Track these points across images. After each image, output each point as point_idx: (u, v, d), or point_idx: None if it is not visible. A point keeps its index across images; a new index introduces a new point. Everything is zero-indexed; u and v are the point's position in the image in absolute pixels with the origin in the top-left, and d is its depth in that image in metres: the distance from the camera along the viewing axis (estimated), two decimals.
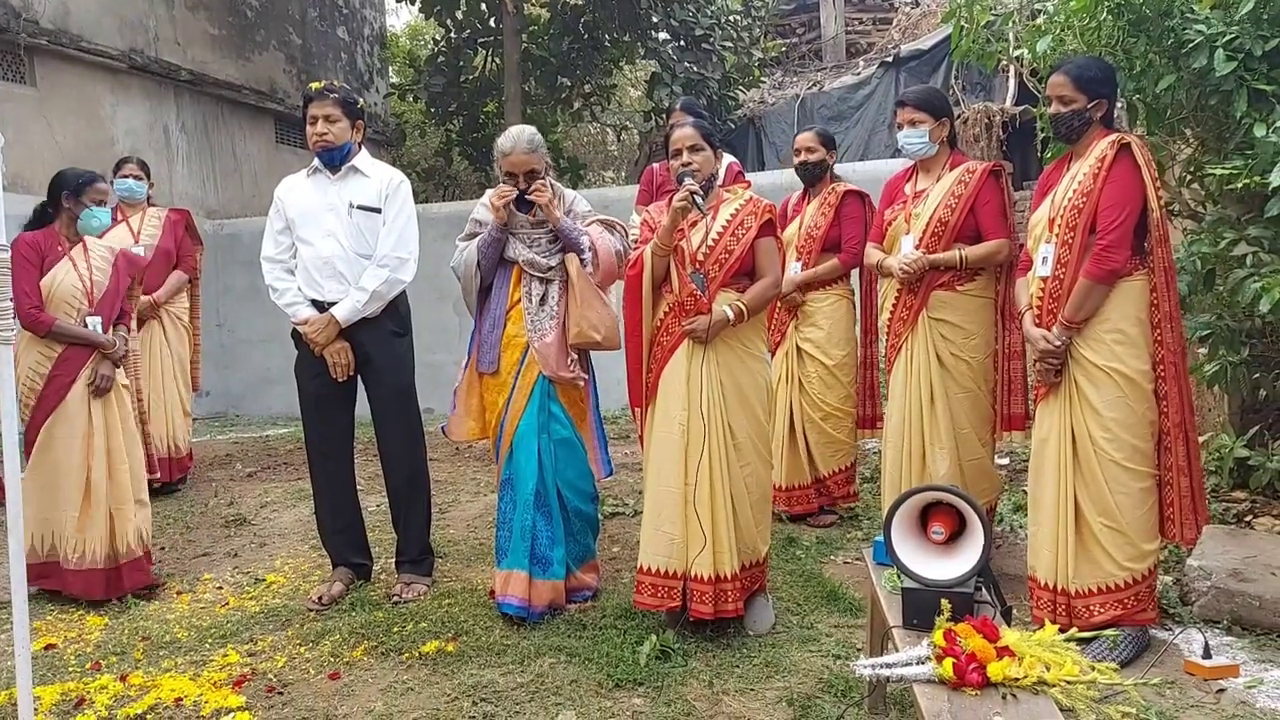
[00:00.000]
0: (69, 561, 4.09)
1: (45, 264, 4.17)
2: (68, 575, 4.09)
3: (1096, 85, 3.28)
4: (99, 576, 4.08)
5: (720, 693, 3.10)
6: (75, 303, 4.15)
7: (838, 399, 4.64)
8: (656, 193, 5.16)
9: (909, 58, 11.52)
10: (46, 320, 4.08)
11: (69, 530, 4.09)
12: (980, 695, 2.17)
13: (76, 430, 4.09)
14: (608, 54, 12.53)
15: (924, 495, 2.59)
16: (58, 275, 4.15)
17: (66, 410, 4.09)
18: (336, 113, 3.83)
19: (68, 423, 4.09)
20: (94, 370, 4.11)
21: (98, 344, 4.14)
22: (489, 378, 3.81)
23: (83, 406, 4.10)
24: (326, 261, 3.84)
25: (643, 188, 5.26)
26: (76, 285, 4.16)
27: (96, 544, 4.08)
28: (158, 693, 3.23)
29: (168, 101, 11.06)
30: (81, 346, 4.12)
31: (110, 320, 4.25)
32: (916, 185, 4.01)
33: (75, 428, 4.09)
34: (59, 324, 4.09)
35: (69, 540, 4.09)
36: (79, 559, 4.07)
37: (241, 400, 10.48)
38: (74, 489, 4.08)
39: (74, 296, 4.15)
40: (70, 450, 4.09)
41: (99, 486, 4.10)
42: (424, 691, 3.18)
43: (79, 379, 4.10)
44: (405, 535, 4.07)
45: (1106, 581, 3.24)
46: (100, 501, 4.10)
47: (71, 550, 4.08)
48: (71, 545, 4.08)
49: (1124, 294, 3.22)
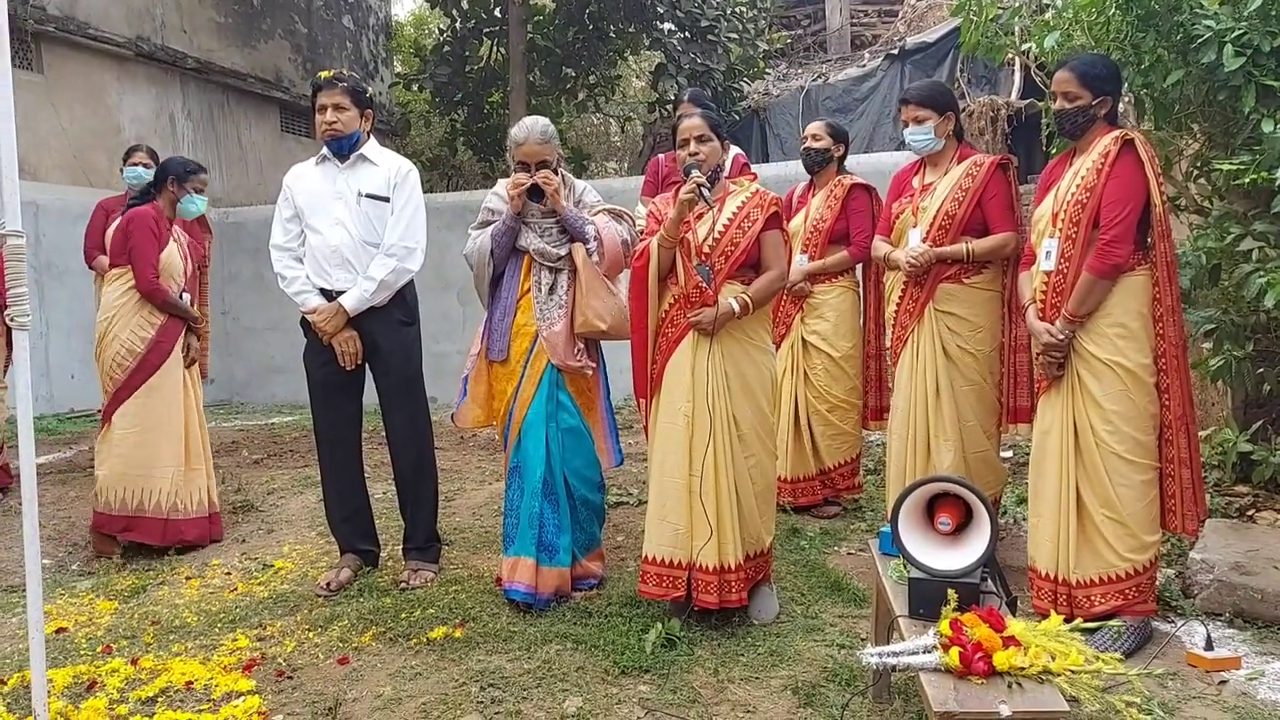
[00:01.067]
0: (178, 512, 4.56)
1: (161, 241, 4.62)
2: (182, 525, 4.57)
3: (1101, 82, 3.30)
4: (204, 524, 4.66)
5: (725, 681, 3.13)
6: (179, 278, 4.68)
7: (843, 391, 4.66)
8: (662, 183, 5.18)
9: (914, 50, 11.53)
10: (164, 291, 4.58)
11: (173, 484, 4.56)
12: (986, 684, 2.20)
13: (177, 394, 4.60)
14: (612, 45, 12.54)
15: (931, 486, 2.61)
16: (171, 252, 4.63)
17: (166, 375, 4.57)
18: (345, 101, 3.84)
19: (171, 385, 4.59)
20: (186, 343, 4.68)
21: (192, 318, 4.74)
22: (498, 365, 3.83)
23: (180, 373, 4.63)
24: (334, 250, 3.86)
25: (648, 178, 5.28)
26: (178, 264, 4.67)
27: (203, 494, 4.67)
28: (168, 676, 3.27)
29: (174, 89, 11.09)
30: (179, 318, 4.67)
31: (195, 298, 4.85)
32: (924, 178, 4.02)
33: (175, 391, 4.60)
34: (170, 296, 4.61)
35: (177, 493, 4.56)
36: (186, 508, 4.58)
37: (246, 388, 10.53)
38: (179, 445, 4.58)
39: (179, 272, 4.67)
40: (172, 411, 4.59)
41: (197, 443, 4.68)
42: (432, 677, 3.21)
43: (176, 347, 4.63)
44: (412, 522, 4.10)
45: (1107, 572, 3.27)
46: (198, 455, 4.68)
47: (180, 501, 4.57)
48: (183, 497, 4.58)
49: (1126, 288, 3.24)
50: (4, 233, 2.87)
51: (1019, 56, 4.64)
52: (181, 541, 4.58)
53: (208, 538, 4.67)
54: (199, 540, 4.63)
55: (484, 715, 2.95)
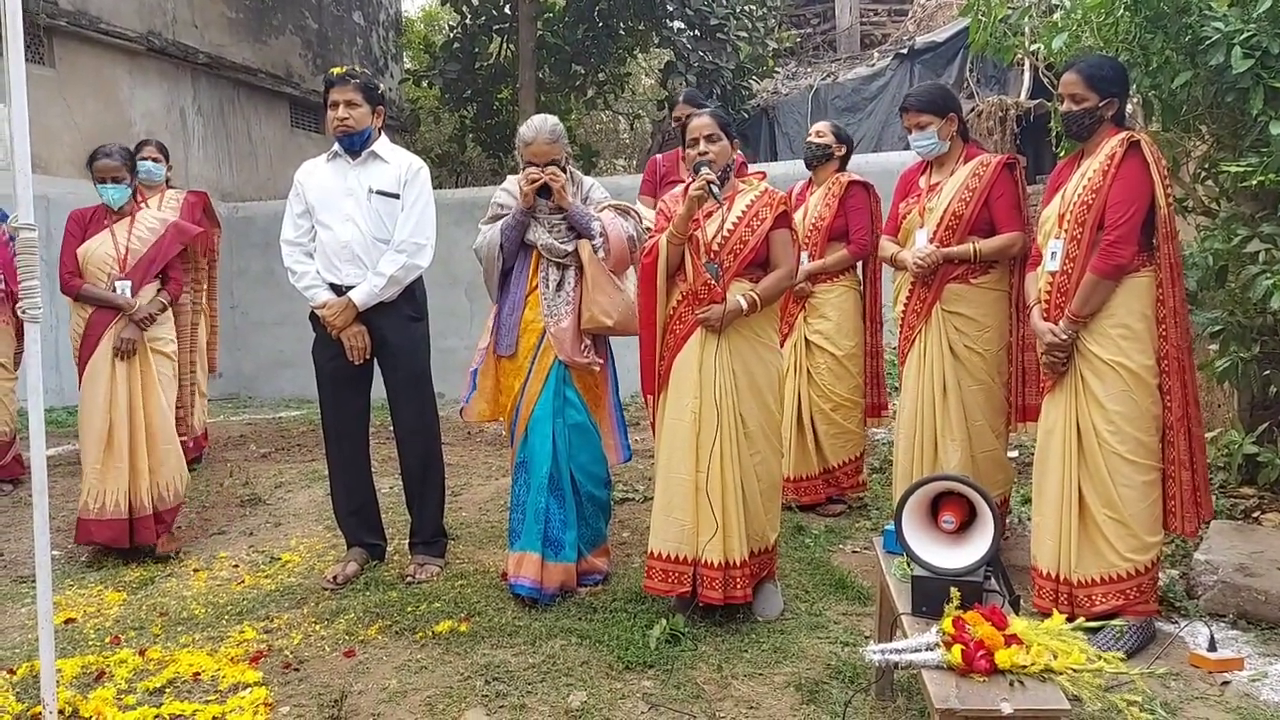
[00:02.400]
0: (89, 511, 4.33)
1: (86, 235, 4.52)
2: (91, 525, 4.32)
3: (1108, 84, 3.30)
4: (123, 526, 4.33)
5: (729, 677, 3.15)
6: (106, 268, 4.44)
7: (847, 389, 4.67)
8: (660, 183, 5.18)
9: (924, 50, 11.52)
10: (75, 285, 4.46)
11: (88, 483, 4.35)
12: (988, 681, 2.21)
13: (99, 388, 4.35)
14: (621, 42, 12.54)
15: (935, 485, 2.62)
16: (92, 244, 4.48)
17: (92, 368, 4.39)
18: (357, 98, 3.86)
19: (92, 380, 4.38)
20: (117, 333, 4.37)
21: (117, 305, 4.40)
22: (506, 361, 3.85)
23: (106, 365, 4.36)
24: (345, 245, 3.88)
25: (646, 178, 5.29)
26: (110, 253, 4.46)
27: (119, 495, 4.33)
28: (176, 667, 3.29)
29: (184, 84, 11.12)
30: (107, 309, 4.41)
31: (140, 284, 4.49)
32: (930, 178, 4.03)
33: (98, 385, 4.36)
34: (85, 288, 4.44)
35: (89, 491, 4.33)
36: (99, 509, 4.31)
37: (254, 382, 10.56)
38: (94, 443, 4.34)
39: (105, 263, 4.45)
40: (94, 405, 4.37)
41: (120, 442, 4.34)
42: (437, 670, 3.23)
43: (104, 339, 4.37)
44: (419, 517, 4.13)
45: (1109, 572, 3.28)
46: (120, 453, 4.35)
47: (93, 500, 4.32)
48: (94, 495, 4.32)
49: (1130, 289, 3.25)
50: (16, 226, 2.91)
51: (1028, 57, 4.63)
52: (90, 542, 4.39)
53: (125, 542, 4.33)
54: (112, 543, 4.34)
55: (488, 709, 2.97)
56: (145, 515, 4.38)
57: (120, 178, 4.50)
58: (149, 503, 4.38)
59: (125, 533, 4.33)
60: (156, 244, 4.56)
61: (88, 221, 4.56)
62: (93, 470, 4.35)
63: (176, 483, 4.50)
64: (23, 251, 2.91)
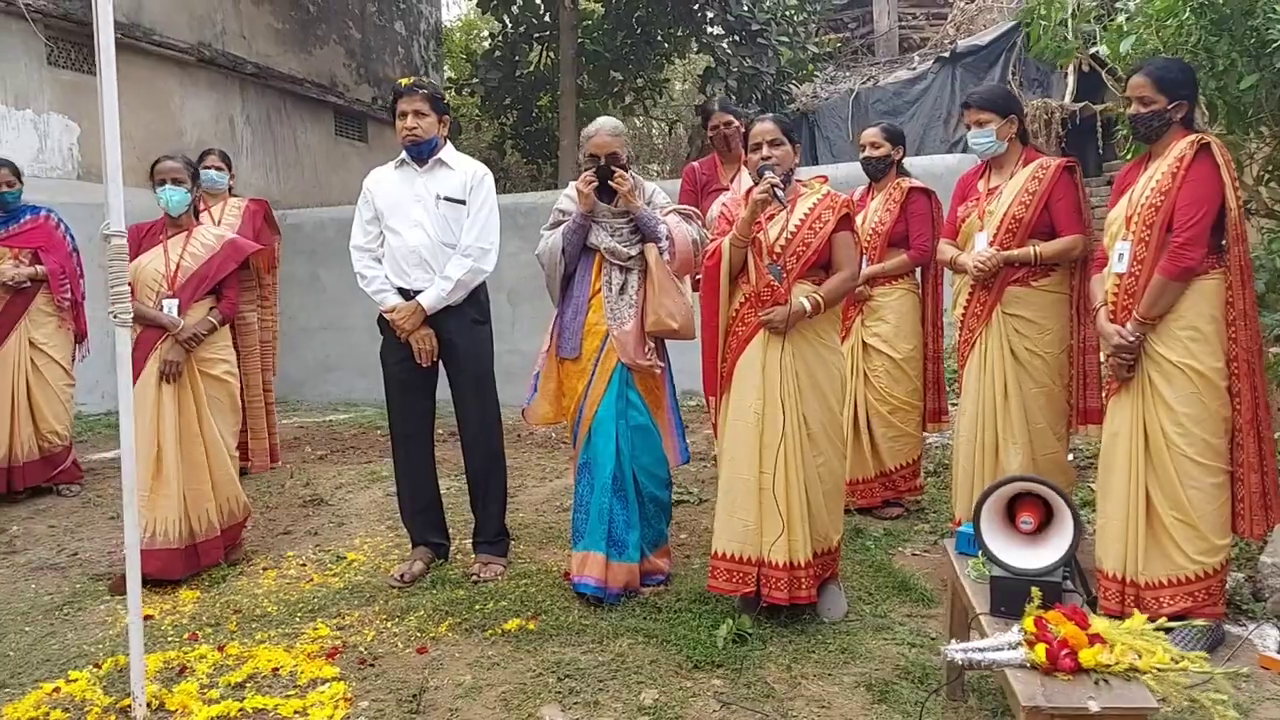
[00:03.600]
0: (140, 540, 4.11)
1: (140, 250, 4.35)
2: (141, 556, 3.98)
3: (1177, 87, 3.31)
4: (177, 555, 4.14)
5: (799, 676, 3.18)
6: (155, 285, 4.29)
7: (905, 392, 4.69)
8: (701, 191, 5.22)
9: (966, 53, 11.48)
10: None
11: (140, 509, 3.96)
12: (1073, 680, 2.24)
13: (146, 412, 4.15)
14: (659, 49, 12.61)
15: (1012, 486, 2.64)
16: (144, 260, 4.33)
17: (139, 392, 4.12)
18: (425, 107, 3.95)
19: (139, 404, 4.09)
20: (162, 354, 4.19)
21: (163, 325, 4.21)
22: (569, 363, 3.91)
23: (152, 389, 4.18)
24: (413, 251, 3.96)
25: (685, 185, 5.32)
26: (160, 269, 4.31)
27: (169, 524, 4.14)
28: (255, 663, 3.37)
29: (233, 94, 11.31)
30: (153, 328, 4.24)
31: (189, 303, 4.29)
32: (989, 182, 4.05)
33: (145, 409, 4.14)
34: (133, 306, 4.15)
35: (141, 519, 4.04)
36: (149, 538, 4.10)
37: (301, 386, 10.69)
38: (143, 468, 4.12)
39: (154, 280, 4.29)
40: (140, 432, 4.08)
41: (170, 468, 4.16)
42: (509, 667, 3.29)
43: (150, 360, 4.20)
44: (483, 516, 4.20)
45: (1176, 574, 3.28)
46: (171, 480, 4.16)
47: (144, 530, 4.09)
48: (143, 525, 4.07)
49: (1200, 292, 3.25)
50: (108, 233, 3.00)
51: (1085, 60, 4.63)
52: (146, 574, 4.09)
53: (177, 571, 4.14)
54: (161, 574, 4.10)
55: (563, 705, 3.03)
56: (213, 538, 4.27)
57: (180, 179, 4.37)
58: (217, 523, 4.28)
59: (177, 562, 4.15)
60: (208, 261, 4.38)
61: (143, 236, 4.42)
62: (141, 499, 4.10)
63: (234, 504, 4.38)
64: (114, 258, 3.00)
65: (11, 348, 5.59)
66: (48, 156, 8.95)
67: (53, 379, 5.72)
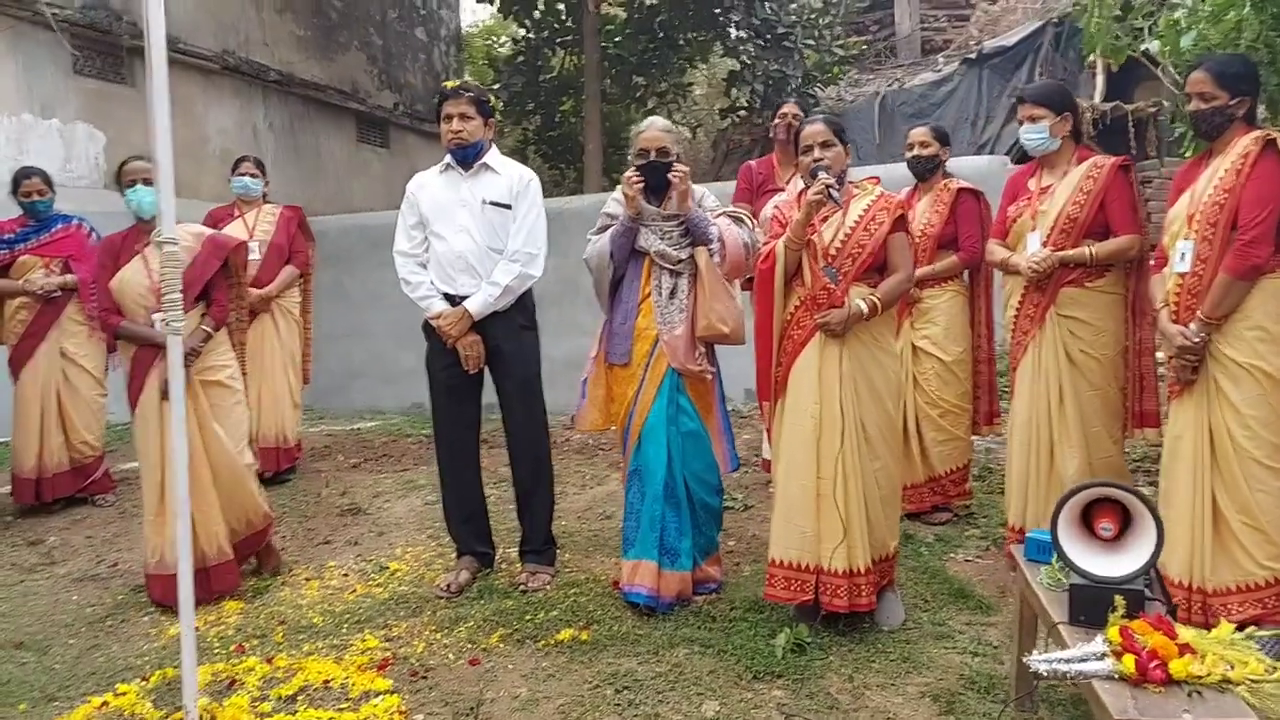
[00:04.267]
0: (149, 566, 4.02)
1: (118, 265, 4.13)
2: (150, 580, 4.02)
3: (1238, 82, 3.24)
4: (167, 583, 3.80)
5: (861, 687, 3.11)
6: (143, 301, 4.04)
7: (955, 395, 4.61)
8: (757, 191, 5.17)
9: (992, 54, 11.39)
10: (113, 323, 4.08)
11: (148, 533, 4.02)
12: (1164, 693, 2.16)
13: (150, 435, 3.99)
14: (682, 53, 12.57)
15: (1090, 491, 2.57)
16: (125, 275, 4.09)
17: (141, 414, 4.03)
18: (471, 111, 3.90)
19: (143, 427, 4.03)
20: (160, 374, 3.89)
21: (157, 342, 3.89)
22: (619, 369, 3.85)
23: (154, 410, 3.97)
24: (459, 256, 3.91)
25: (741, 184, 5.27)
26: (143, 283, 4.04)
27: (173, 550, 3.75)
28: (305, 675, 3.33)
29: (256, 101, 11.32)
30: (149, 347, 4.00)
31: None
32: (1041, 181, 3.98)
33: (149, 432, 4.00)
34: (123, 325, 4.05)
35: (149, 544, 4.00)
36: (158, 563, 3.96)
37: (326, 394, 10.64)
38: (151, 492, 4.01)
39: (141, 295, 4.04)
40: (145, 453, 4.03)
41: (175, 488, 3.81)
42: (565, 679, 3.23)
43: (148, 380, 4.00)
44: (530, 524, 4.14)
45: (1246, 580, 3.20)
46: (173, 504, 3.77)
47: (152, 554, 3.99)
48: (152, 550, 3.98)
49: (1266, 291, 3.18)
50: (160, 240, 2.97)
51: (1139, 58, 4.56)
52: (151, 599, 4.06)
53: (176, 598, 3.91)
54: (168, 600, 3.80)
55: (623, 718, 2.97)
56: (224, 562, 4.03)
57: (151, 180, 3.97)
58: (229, 547, 4.05)
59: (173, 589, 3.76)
60: (191, 265, 4.03)
61: (118, 250, 4.15)
62: (149, 524, 4.02)
63: (251, 515, 4.18)
64: (166, 264, 2.97)
65: (42, 357, 5.53)
66: (74, 165, 8.96)
67: (84, 388, 5.67)
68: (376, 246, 9.75)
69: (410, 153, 14.30)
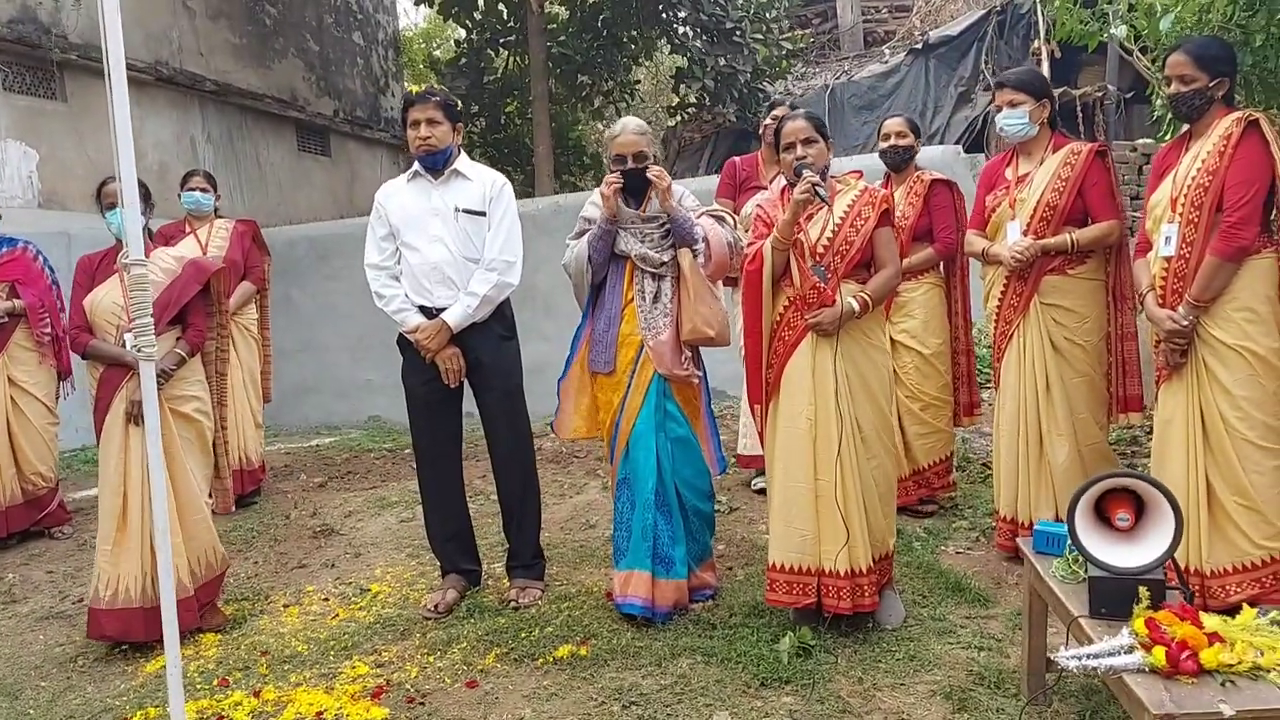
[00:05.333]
0: (100, 600, 3.75)
1: (95, 283, 4.04)
2: (101, 616, 3.75)
3: (1217, 64, 3.26)
4: (137, 616, 3.71)
5: (871, 688, 3.07)
6: (114, 319, 3.91)
7: (935, 388, 4.59)
8: (740, 188, 5.11)
9: (938, 44, 11.48)
10: (82, 341, 3.96)
11: (98, 567, 3.81)
12: (1197, 683, 2.14)
13: (111, 459, 3.82)
14: (627, 50, 12.49)
15: (1105, 483, 2.55)
16: (99, 293, 3.99)
17: (106, 436, 3.86)
18: (439, 115, 3.77)
19: (105, 450, 3.86)
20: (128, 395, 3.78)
21: (126, 362, 3.78)
22: (603, 377, 3.77)
23: (119, 432, 3.82)
24: (435, 267, 3.79)
25: (724, 180, 5.21)
26: (117, 301, 3.90)
27: (130, 581, 3.74)
28: (295, 707, 3.20)
29: (193, 112, 11.02)
30: (118, 367, 3.86)
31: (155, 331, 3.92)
32: (1018, 169, 3.98)
33: (110, 456, 3.83)
34: (92, 344, 3.93)
35: (100, 576, 3.79)
36: (111, 596, 3.74)
37: (279, 410, 10.33)
38: (108, 519, 3.81)
39: (112, 314, 3.91)
40: (106, 476, 3.85)
41: (134, 520, 3.75)
42: (568, 696, 3.14)
43: (115, 401, 3.84)
44: (518, 539, 4.03)
45: (1242, 560, 3.23)
46: (135, 533, 3.75)
47: (105, 587, 3.76)
48: (105, 582, 3.76)
49: (1253, 272, 3.20)
50: (129, 262, 2.82)
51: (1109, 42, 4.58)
52: (101, 636, 3.78)
53: (139, 634, 3.71)
54: (123, 636, 3.74)
55: None
56: (183, 598, 3.65)
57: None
58: (189, 582, 3.79)
59: (138, 623, 3.70)
60: (169, 287, 3.89)
61: (95, 268, 4.05)
62: (103, 554, 3.79)
63: (210, 555, 3.94)
64: (134, 287, 2.82)
65: None
66: (6, 185, 8.62)
67: (35, 417, 5.42)
68: (325, 258, 9.56)
69: (352, 160, 14.04)
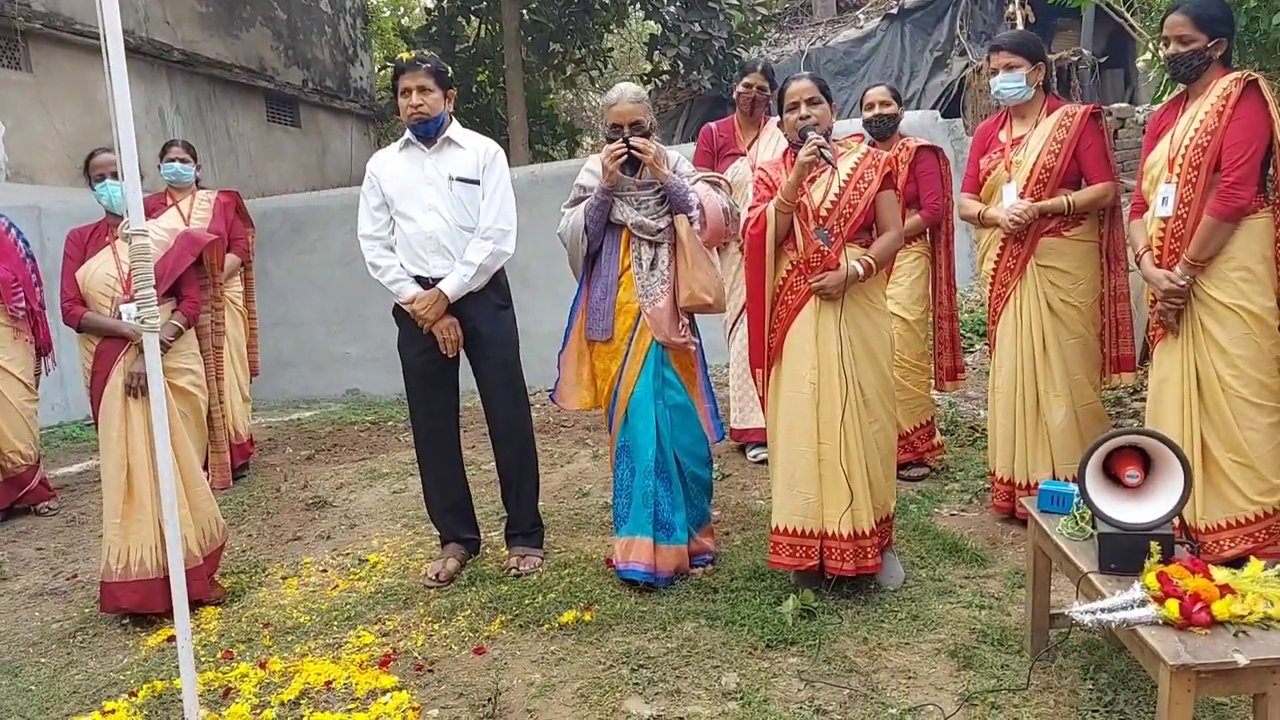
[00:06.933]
0: (112, 573, 3.73)
1: (86, 256, 4.01)
2: (116, 589, 3.73)
3: (1216, 24, 3.28)
4: (156, 587, 3.69)
5: (876, 648, 3.11)
6: (109, 291, 3.90)
7: (915, 355, 4.62)
8: (718, 154, 5.10)
9: (913, 9, 11.47)
10: (76, 314, 3.93)
11: (108, 541, 3.78)
12: (1210, 634, 2.19)
13: (113, 431, 3.77)
14: (599, 17, 12.36)
15: (1114, 441, 2.58)
16: (92, 266, 3.96)
17: (105, 410, 3.81)
18: (430, 83, 3.72)
19: (106, 423, 3.81)
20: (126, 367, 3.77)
21: (123, 334, 3.81)
22: (601, 345, 3.76)
23: (118, 405, 3.78)
24: (430, 236, 3.74)
25: (701, 147, 5.19)
26: (111, 273, 3.91)
27: (145, 552, 3.73)
28: (303, 677, 3.19)
29: (161, 84, 10.83)
30: (115, 339, 3.85)
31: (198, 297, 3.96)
32: (1012, 132, 3.99)
33: (112, 428, 3.78)
34: (87, 316, 3.91)
35: (110, 549, 3.75)
36: (124, 569, 3.72)
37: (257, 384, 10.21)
38: (113, 492, 3.77)
39: (107, 285, 3.90)
40: (108, 452, 3.80)
41: (142, 491, 3.73)
42: (576, 661, 3.16)
43: (113, 373, 3.80)
44: (517, 508, 4.02)
45: (1236, 516, 3.29)
46: (144, 505, 3.73)
47: (116, 560, 3.73)
48: (116, 555, 3.73)
49: (1249, 231, 3.24)
50: (130, 232, 2.77)
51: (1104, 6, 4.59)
52: (117, 609, 3.77)
53: (157, 605, 3.68)
54: (141, 608, 3.74)
55: (644, 696, 2.91)
56: (194, 567, 3.68)
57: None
58: (198, 551, 3.79)
59: (157, 594, 3.67)
60: (163, 259, 3.84)
61: (87, 241, 4.03)
62: (113, 526, 3.76)
63: (212, 526, 3.92)
64: (136, 257, 2.77)
65: None
66: None
67: (12, 395, 5.32)
68: (299, 230, 9.43)
69: (322, 131, 13.86)
